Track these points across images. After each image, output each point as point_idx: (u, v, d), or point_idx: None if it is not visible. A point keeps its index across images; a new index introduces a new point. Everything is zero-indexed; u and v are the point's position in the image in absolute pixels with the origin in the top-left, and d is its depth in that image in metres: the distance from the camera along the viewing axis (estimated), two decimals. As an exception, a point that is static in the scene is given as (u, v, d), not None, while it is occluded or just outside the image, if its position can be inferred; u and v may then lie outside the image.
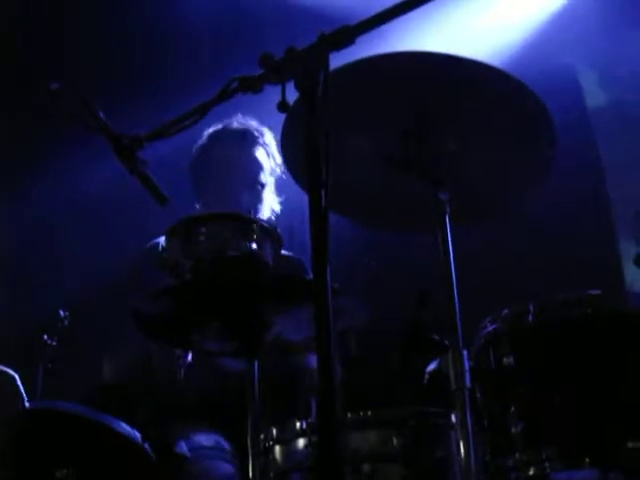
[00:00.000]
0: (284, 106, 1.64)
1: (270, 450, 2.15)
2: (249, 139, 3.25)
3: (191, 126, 1.81)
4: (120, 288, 3.11)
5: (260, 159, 3.23)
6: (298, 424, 2.11)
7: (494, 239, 3.42)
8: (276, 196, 3.28)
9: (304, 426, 2.09)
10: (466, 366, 1.88)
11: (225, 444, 2.71)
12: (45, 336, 3.15)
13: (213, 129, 3.27)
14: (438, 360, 1.92)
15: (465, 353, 1.89)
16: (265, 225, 2.02)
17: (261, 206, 3.20)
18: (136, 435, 2.25)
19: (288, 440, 2.12)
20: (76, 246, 4.20)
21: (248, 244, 1.95)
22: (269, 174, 3.25)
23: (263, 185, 3.21)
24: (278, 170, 3.26)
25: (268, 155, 3.26)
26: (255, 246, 1.96)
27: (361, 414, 2.06)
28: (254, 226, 1.98)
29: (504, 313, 1.97)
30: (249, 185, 3.18)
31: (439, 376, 1.92)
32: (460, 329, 1.90)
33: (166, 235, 2.04)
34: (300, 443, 2.08)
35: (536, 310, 1.92)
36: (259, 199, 3.20)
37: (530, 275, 3.80)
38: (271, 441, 2.15)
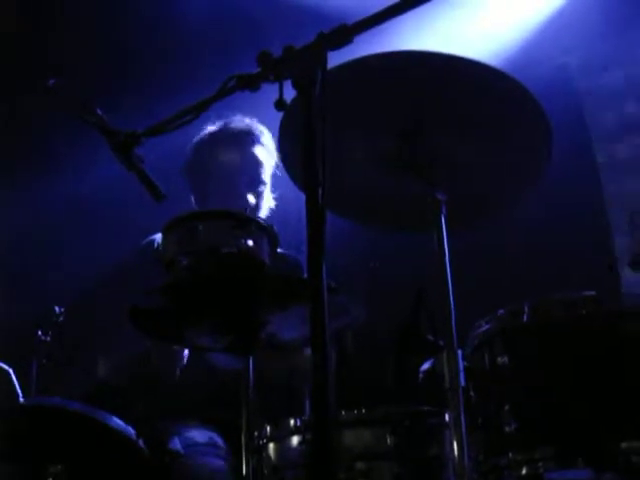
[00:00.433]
0: (282, 104, 1.64)
1: (264, 447, 2.15)
2: (250, 139, 3.23)
3: (189, 123, 1.81)
4: (116, 284, 3.11)
5: (261, 158, 3.22)
6: (292, 422, 2.11)
7: (490, 239, 3.42)
8: (271, 192, 3.28)
9: (298, 424, 2.10)
10: (460, 366, 1.88)
11: (219, 441, 2.71)
12: (40, 332, 3.15)
13: (211, 130, 3.25)
14: (432, 359, 1.93)
15: (459, 353, 1.90)
16: (262, 223, 2.02)
17: (262, 203, 3.21)
18: (130, 431, 2.25)
19: (282, 437, 2.12)
20: (71, 242, 4.20)
21: (244, 242, 1.95)
22: (269, 172, 3.25)
23: (265, 183, 3.21)
24: (274, 168, 3.26)
25: (268, 154, 3.26)
26: (252, 243, 1.96)
27: (355, 412, 2.07)
28: (251, 224, 1.98)
29: (499, 313, 1.97)
30: (253, 185, 3.18)
31: (433, 375, 1.92)
32: (455, 329, 1.91)
33: (162, 232, 2.04)
34: (294, 441, 2.09)
35: (531, 310, 1.92)
36: (261, 197, 3.20)
37: (525, 275, 3.80)
38: (265, 438, 2.15)
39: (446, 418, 1.98)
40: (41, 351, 3.14)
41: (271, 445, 2.14)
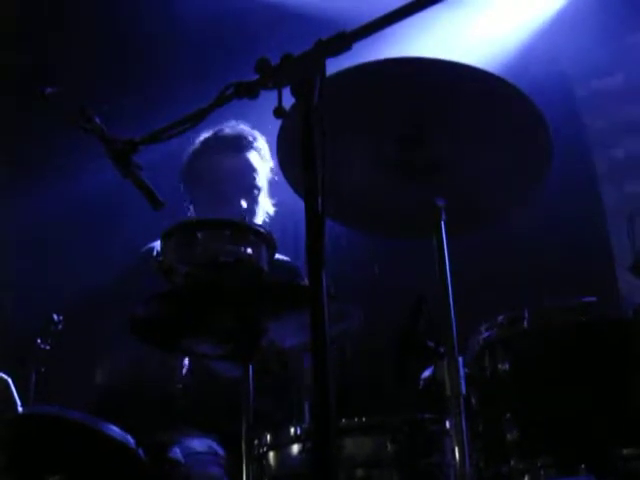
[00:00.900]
0: (280, 112, 1.63)
1: (264, 456, 2.14)
2: (243, 144, 3.24)
3: (187, 131, 1.81)
4: (114, 292, 3.10)
5: (255, 164, 3.23)
6: (292, 430, 2.10)
7: (489, 245, 3.42)
8: (269, 199, 3.28)
9: (298, 432, 2.09)
10: (461, 373, 1.88)
11: (219, 449, 2.71)
12: (39, 340, 3.14)
13: (205, 136, 3.26)
14: (433, 366, 1.92)
15: (460, 359, 1.89)
16: (260, 231, 2.02)
17: (257, 209, 3.20)
18: (129, 440, 2.24)
19: (282, 446, 2.11)
20: (70, 250, 4.20)
21: (243, 250, 1.95)
22: (265, 178, 3.25)
23: (259, 189, 3.21)
24: (271, 173, 3.26)
25: (262, 159, 3.26)
26: (250, 251, 1.95)
27: (355, 420, 2.06)
28: (249, 232, 1.98)
29: (499, 319, 1.97)
30: (246, 191, 3.18)
31: (434, 382, 1.91)
32: (455, 335, 1.90)
33: (161, 240, 2.04)
34: (294, 449, 2.08)
35: (531, 317, 1.92)
36: (256, 203, 3.20)
37: (525, 282, 3.80)
38: (265, 447, 2.14)
39: (447, 425, 1.97)
40: (40, 359, 3.13)
41: (271, 453, 2.13)
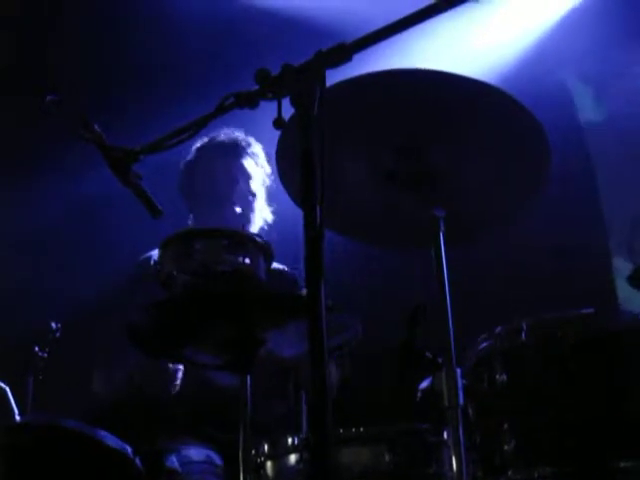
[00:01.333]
0: (280, 122, 1.64)
1: (262, 466, 2.14)
2: (237, 150, 3.27)
3: (187, 140, 1.81)
4: (112, 301, 3.10)
5: (249, 169, 3.25)
6: (290, 440, 2.10)
7: (488, 256, 3.42)
8: (268, 205, 3.28)
9: (296, 442, 2.08)
10: (459, 384, 1.87)
11: (216, 459, 2.70)
12: (36, 348, 3.14)
13: (199, 143, 3.28)
14: (431, 377, 1.92)
15: (458, 371, 1.89)
16: (258, 240, 2.02)
17: (253, 215, 3.21)
18: (127, 449, 2.23)
19: (280, 456, 2.11)
20: (69, 258, 4.20)
21: (241, 259, 1.95)
22: (260, 184, 3.26)
23: (254, 195, 3.22)
24: (268, 180, 3.27)
25: (257, 165, 3.28)
26: (248, 261, 1.96)
27: (353, 430, 2.06)
28: (247, 241, 1.98)
29: (497, 331, 1.97)
30: (241, 196, 3.19)
31: (432, 393, 1.91)
32: (453, 346, 1.90)
33: (159, 249, 2.04)
34: (292, 459, 2.08)
35: (529, 328, 1.92)
36: (251, 208, 3.20)
37: (523, 292, 3.80)
38: (263, 456, 2.14)
39: (445, 436, 1.97)
40: (38, 367, 3.13)
41: (269, 463, 2.13)
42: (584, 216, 4.29)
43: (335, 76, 1.73)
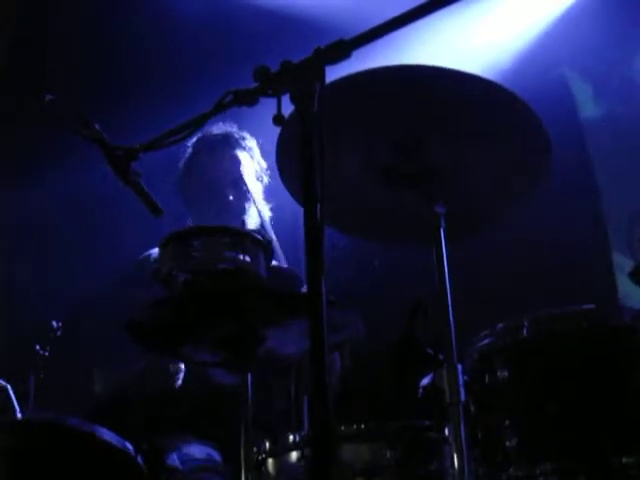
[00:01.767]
0: (279, 119, 1.63)
1: (263, 463, 2.14)
2: (230, 141, 3.30)
3: (186, 138, 1.81)
4: (112, 300, 3.10)
5: (242, 159, 3.26)
6: (291, 437, 2.10)
7: (488, 252, 3.42)
8: (266, 203, 3.28)
9: (297, 439, 2.08)
10: (460, 380, 1.87)
11: (217, 456, 2.70)
12: (37, 346, 3.13)
13: (193, 139, 3.30)
14: (432, 374, 1.92)
15: (459, 367, 1.89)
16: (258, 238, 2.01)
17: (249, 205, 3.20)
18: (128, 447, 2.23)
19: (281, 453, 2.11)
20: (70, 256, 4.19)
21: (241, 257, 1.95)
22: (254, 176, 3.27)
23: (247, 185, 3.21)
24: (265, 177, 3.28)
25: (251, 158, 3.29)
26: (248, 259, 1.95)
27: (355, 427, 2.05)
28: (247, 239, 1.98)
29: (498, 327, 1.97)
30: (234, 184, 3.20)
31: (433, 390, 1.91)
32: (455, 343, 1.90)
33: (159, 247, 2.04)
34: (293, 456, 2.07)
35: (530, 324, 1.92)
36: (246, 198, 3.20)
37: (524, 288, 3.79)
38: (264, 454, 2.14)
39: (446, 433, 1.97)
40: (39, 366, 3.13)
41: (270, 460, 2.13)
42: (584, 212, 4.29)
43: (335, 73, 1.72)
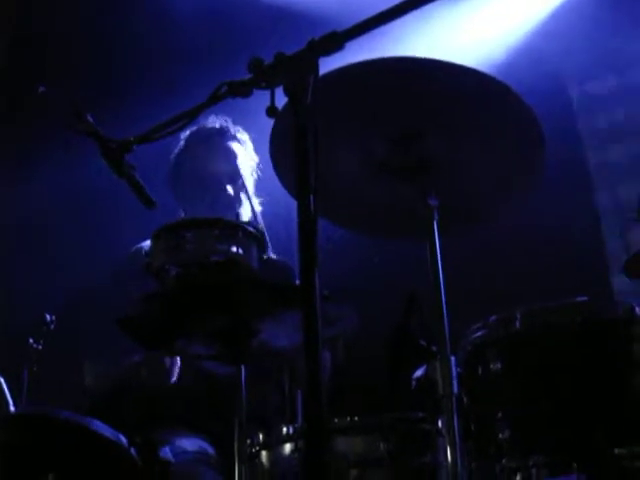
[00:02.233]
0: (273, 111, 1.63)
1: (257, 455, 2.14)
2: (226, 134, 3.29)
3: (180, 130, 1.81)
4: (104, 293, 3.10)
5: (237, 151, 3.26)
6: (285, 429, 2.10)
7: (482, 245, 3.42)
8: (256, 197, 3.28)
9: (291, 431, 2.08)
10: (454, 372, 1.88)
11: (209, 449, 2.70)
12: (31, 340, 3.13)
13: (186, 133, 3.29)
14: (426, 366, 1.92)
15: (453, 359, 1.89)
16: (250, 230, 2.01)
17: (242, 198, 3.20)
18: (122, 439, 2.23)
19: (275, 445, 2.11)
20: (63, 250, 4.18)
21: (234, 249, 1.94)
22: (250, 173, 3.26)
23: (242, 178, 3.21)
24: (256, 169, 3.28)
25: (245, 150, 3.29)
26: (241, 251, 1.95)
27: (348, 419, 2.06)
28: (239, 231, 1.97)
29: (491, 320, 1.97)
30: (230, 177, 3.20)
31: (426, 382, 1.91)
32: (448, 335, 1.90)
33: (151, 240, 2.03)
34: (287, 448, 2.07)
35: (523, 317, 1.92)
36: (241, 191, 3.20)
37: (518, 281, 3.80)
38: (258, 446, 2.14)
39: (439, 425, 1.97)
40: (32, 359, 3.12)
41: (264, 453, 2.13)
42: (579, 205, 4.30)
43: (328, 64, 1.72)
